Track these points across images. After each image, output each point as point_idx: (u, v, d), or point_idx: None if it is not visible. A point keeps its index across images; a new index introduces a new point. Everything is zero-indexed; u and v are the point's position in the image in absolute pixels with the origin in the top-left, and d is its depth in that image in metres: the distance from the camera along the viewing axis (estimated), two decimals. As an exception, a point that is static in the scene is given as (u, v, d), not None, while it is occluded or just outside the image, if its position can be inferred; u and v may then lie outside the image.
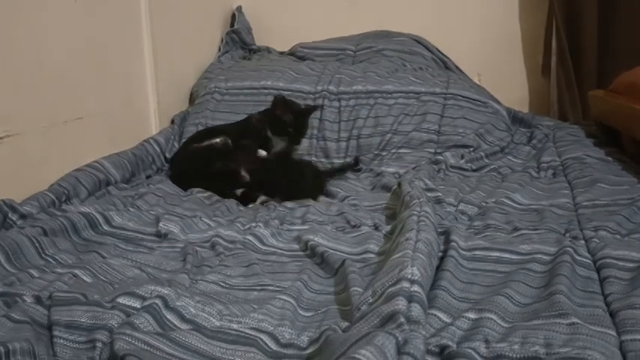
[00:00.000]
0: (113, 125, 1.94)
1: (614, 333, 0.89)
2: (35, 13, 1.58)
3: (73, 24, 1.74)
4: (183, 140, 2.11)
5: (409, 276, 0.91)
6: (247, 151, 1.87)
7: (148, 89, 2.13)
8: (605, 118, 2.15)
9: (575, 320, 0.91)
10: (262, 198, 1.73)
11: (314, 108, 2.08)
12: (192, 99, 2.41)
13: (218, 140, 1.90)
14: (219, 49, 2.67)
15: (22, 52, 1.55)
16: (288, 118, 1.92)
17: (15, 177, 1.52)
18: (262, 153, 1.90)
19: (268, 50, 2.73)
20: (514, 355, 0.84)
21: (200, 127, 2.17)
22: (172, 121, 2.26)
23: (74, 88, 1.75)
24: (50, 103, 1.65)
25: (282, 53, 2.71)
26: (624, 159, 1.90)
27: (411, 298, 0.86)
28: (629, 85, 1.96)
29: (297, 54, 2.63)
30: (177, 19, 2.31)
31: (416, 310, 0.83)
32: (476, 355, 0.84)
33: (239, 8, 2.79)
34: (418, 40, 2.66)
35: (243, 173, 1.75)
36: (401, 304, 0.83)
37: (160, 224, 1.42)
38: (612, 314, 0.96)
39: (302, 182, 1.74)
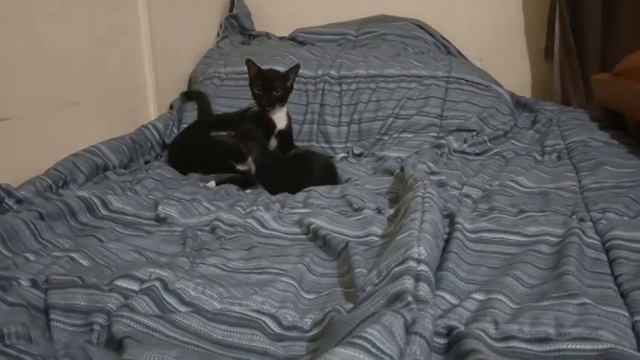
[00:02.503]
0: (110, 110, 1.91)
1: (626, 313, 0.88)
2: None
3: (69, 9, 1.70)
4: (184, 125, 2.09)
5: (416, 255, 0.88)
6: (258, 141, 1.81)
7: (146, 74, 2.10)
8: (609, 101, 2.12)
9: (585, 300, 0.89)
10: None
11: (285, 73, 1.90)
12: (190, 84, 2.38)
13: (224, 134, 1.86)
14: (218, 35, 2.64)
15: (19, 36, 1.52)
16: (257, 82, 1.85)
17: (11, 161, 1.49)
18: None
19: (268, 35, 2.69)
20: (524, 336, 0.82)
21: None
22: (171, 107, 2.23)
23: (71, 72, 1.72)
24: (46, 88, 1.62)
25: (281, 38, 2.67)
26: (629, 142, 1.87)
27: (418, 278, 0.83)
28: (633, 68, 1.93)
29: (298, 39, 2.59)
30: (175, 3, 2.27)
31: (424, 290, 0.81)
32: (485, 337, 0.82)
33: (238, -7, 2.76)
34: (419, 25, 2.62)
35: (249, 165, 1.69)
36: (408, 283, 0.81)
37: (159, 208, 1.39)
38: (623, 295, 0.94)
39: (308, 178, 1.65)
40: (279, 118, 1.90)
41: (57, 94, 1.67)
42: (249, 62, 1.88)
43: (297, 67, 1.91)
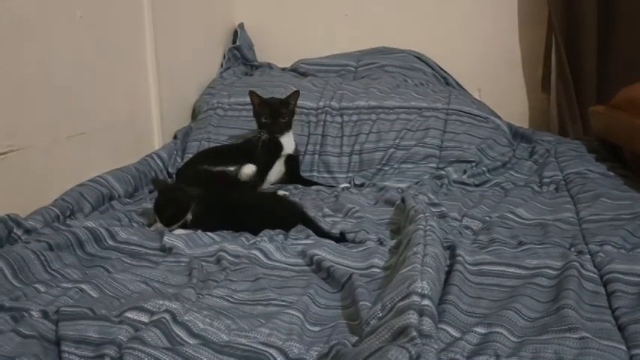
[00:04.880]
0: (116, 140, 1.94)
1: (624, 347, 0.90)
2: (40, 29, 1.60)
3: (77, 40, 1.75)
4: (188, 155, 2.12)
5: (419, 290, 0.91)
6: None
7: (151, 105, 2.14)
8: (607, 133, 2.15)
9: (585, 334, 0.91)
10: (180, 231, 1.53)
11: (286, 99, 2.02)
12: (194, 115, 2.42)
13: (232, 169, 1.92)
14: (222, 66, 2.69)
15: (27, 67, 1.56)
16: (263, 111, 1.97)
17: (19, 192, 1.52)
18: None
19: (270, 66, 2.74)
20: (525, 371, 0.84)
21: (203, 143, 2.18)
22: (175, 137, 2.27)
23: (78, 103, 1.75)
24: (54, 119, 1.66)
25: (283, 69, 2.72)
26: (626, 174, 1.91)
27: (422, 312, 0.85)
28: (630, 100, 1.97)
29: (299, 70, 2.64)
30: (180, 35, 2.33)
31: (427, 324, 0.83)
32: (487, 371, 0.84)
33: (241, 25, 2.81)
34: (419, 57, 2.67)
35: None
36: (412, 318, 0.83)
37: (165, 238, 1.42)
38: (621, 328, 0.97)
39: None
40: (288, 143, 2.03)
41: (64, 124, 1.70)
42: (252, 94, 1.98)
43: (296, 92, 2.03)
